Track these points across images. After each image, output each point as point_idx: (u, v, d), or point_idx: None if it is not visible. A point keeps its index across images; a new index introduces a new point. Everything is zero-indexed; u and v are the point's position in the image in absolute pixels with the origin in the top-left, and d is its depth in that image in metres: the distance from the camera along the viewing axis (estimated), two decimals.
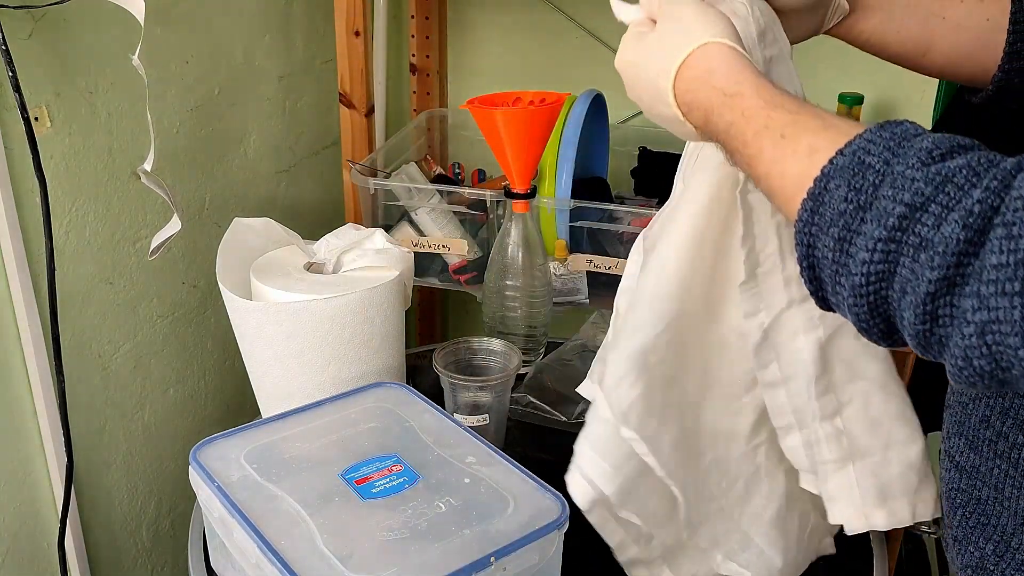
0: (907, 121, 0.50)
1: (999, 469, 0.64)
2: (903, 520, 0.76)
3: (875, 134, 0.49)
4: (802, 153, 0.52)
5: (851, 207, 0.48)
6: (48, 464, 0.98)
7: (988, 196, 0.43)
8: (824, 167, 0.50)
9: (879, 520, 0.76)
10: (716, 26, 0.60)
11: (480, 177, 1.53)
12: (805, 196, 0.51)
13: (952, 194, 0.45)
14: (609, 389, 0.73)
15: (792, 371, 0.75)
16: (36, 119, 0.89)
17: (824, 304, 0.54)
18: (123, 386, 1.08)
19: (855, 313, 0.49)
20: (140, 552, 1.15)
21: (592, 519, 0.74)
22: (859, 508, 0.76)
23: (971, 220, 0.43)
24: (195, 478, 0.79)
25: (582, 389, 0.83)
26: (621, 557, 0.77)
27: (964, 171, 0.45)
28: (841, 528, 0.77)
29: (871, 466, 0.76)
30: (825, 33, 0.75)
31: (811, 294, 0.53)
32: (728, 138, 0.57)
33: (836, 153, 0.50)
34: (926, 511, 0.77)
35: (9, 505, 0.95)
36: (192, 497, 0.82)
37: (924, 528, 1.62)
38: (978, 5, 0.70)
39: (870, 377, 0.74)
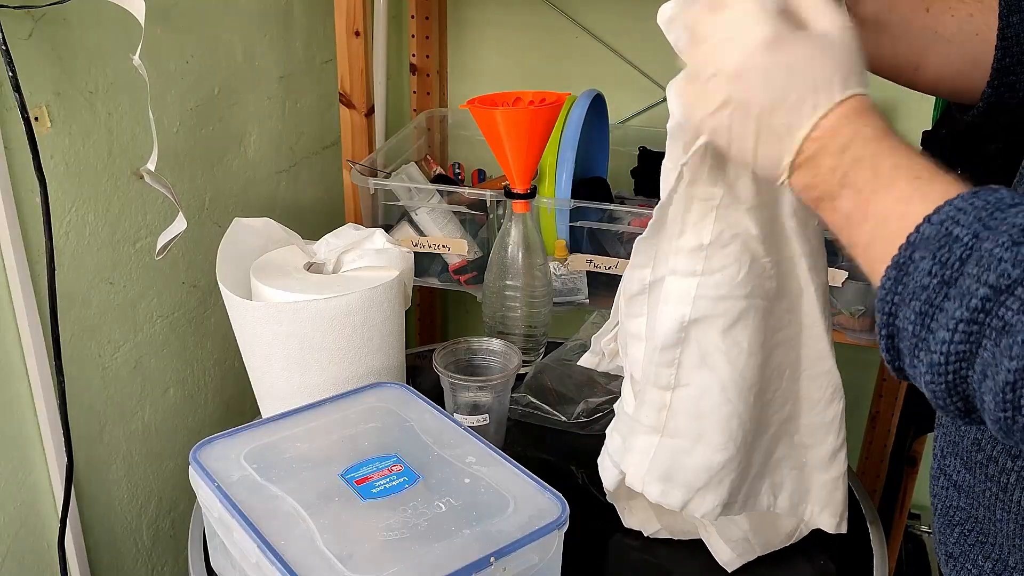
0: (1004, 189, 0.48)
1: (990, 492, 0.65)
2: (671, 504, 0.80)
3: (967, 202, 0.47)
4: (933, 199, 0.48)
5: (935, 281, 0.46)
6: (48, 464, 0.98)
7: None
8: (910, 235, 0.48)
9: (651, 492, 0.81)
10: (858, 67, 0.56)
11: (480, 177, 1.53)
12: (890, 264, 0.48)
13: None
14: (680, 500, 0.79)
15: (651, 332, 0.77)
16: (36, 119, 0.89)
17: (901, 374, 0.52)
18: (123, 386, 1.08)
19: (932, 390, 0.48)
20: (140, 552, 1.15)
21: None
22: (641, 474, 0.81)
23: None
24: (195, 478, 0.79)
25: (604, 470, 0.87)
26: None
27: None
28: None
29: (674, 447, 0.79)
30: None
31: (887, 363, 0.51)
32: (847, 175, 0.53)
33: (924, 220, 0.47)
34: (699, 509, 0.80)
35: (9, 505, 0.95)
36: (192, 497, 0.82)
37: (924, 528, 1.62)
38: (968, 20, 0.70)
39: (718, 375, 0.75)
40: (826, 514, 0.84)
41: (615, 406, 0.86)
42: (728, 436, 0.77)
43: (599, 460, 0.87)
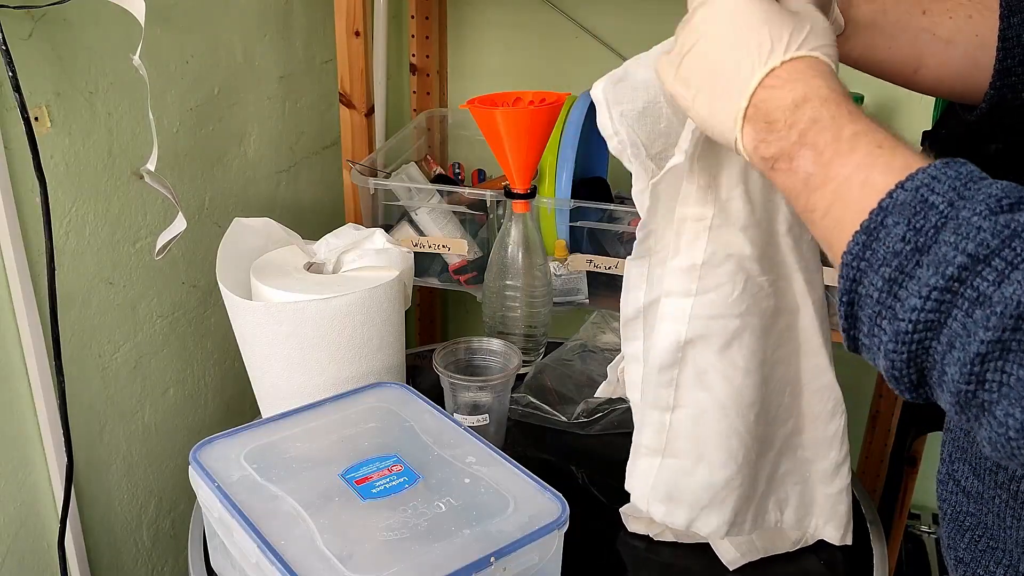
0: (972, 164, 0.47)
1: (999, 499, 0.64)
2: (676, 523, 0.82)
3: (940, 171, 0.46)
4: (896, 168, 0.48)
5: (908, 248, 0.45)
6: (48, 464, 0.98)
7: None
8: (883, 200, 0.47)
9: (656, 512, 0.83)
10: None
11: (480, 177, 1.53)
12: (858, 229, 0.48)
13: (1019, 250, 0.42)
14: (685, 520, 0.81)
15: (648, 353, 0.78)
16: (36, 119, 0.89)
17: (853, 344, 0.51)
18: (123, 386, 1.08)
19: (891, 359, 0.47)
20: (140, 552, 1.15)
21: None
22: (645, 494, 0.82)
23: None
24: (195, 478, 0.79)
25: (633, 494, 0.87)
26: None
27: None
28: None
29: (676, 467, 0.80)
30: None
31: (842, 330, 0.51)
32: (805, 134, 0.52)
33: (896, 186, 0.47)
34: (704, 527, 0.81)
35: (9, 505, 0.95)
36: (192, 497, 0.82)
37: (924, 528, 1.62)
38: (967, 22, 0.70)
39: (715, 394, 0.76)
40: (830, 527, 0.85)
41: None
42: (729, 454, 0.77)
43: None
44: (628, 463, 0.85)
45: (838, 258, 0.49)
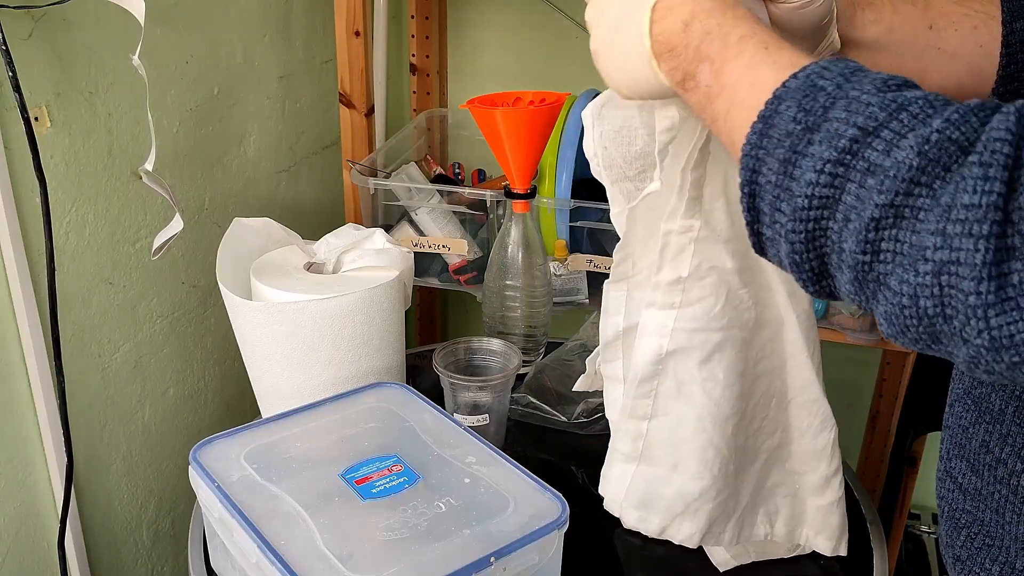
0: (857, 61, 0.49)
1: (999, 494, 0.64)
2: (648, 530, 0.83)
3: (831, 62, 0.49)
4: (782, 66, 0.50)
5: (799, 128, 0.47)
6: (48, 464, 0.98)
7: (947, 127, 0.42)
8: (777, 89, 0.49)
9: (628, 519, 0.84)
10: None
11: (480, 177, 1.53)
12: (755, 118, 0.49)
13: (906, 121, 0.43)
14: (657, 527, 0.82)
15: (628, 370, 0.79)
16: (36, 119, 0.89)
17: (758, 242, 0.52)
18: (123, 386, 1.08)
19: (791, 242, 0.48)
20: (140, 552, 1.15)
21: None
22: (618, 500, 0.83)
23: (926, 148, 0.42)
24: (195, 478, 0.79)
25: (607, 499, 0.86)
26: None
27: (921, 102, 0.44)
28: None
29: (650, 475, 0.81)
30: None
31: (747, 224, 0.51)
32: (699, 49, 0.54)
33: (789, 76, 0.49)
34: (676, 534, 0.82)
35: (9, 505, 0.95)
36: (192, 497, 0.82)
37: (924, 528, 1.62)
38: (972, 33, 0.69)
39: (694, 405, 0.77)
40: (821, 538, 0.85)
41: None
42: (704, 465, 0.78)
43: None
44: (603, 468, 0.85)
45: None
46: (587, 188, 1.30)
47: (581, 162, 1.23)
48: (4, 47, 0.81)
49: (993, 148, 0.40)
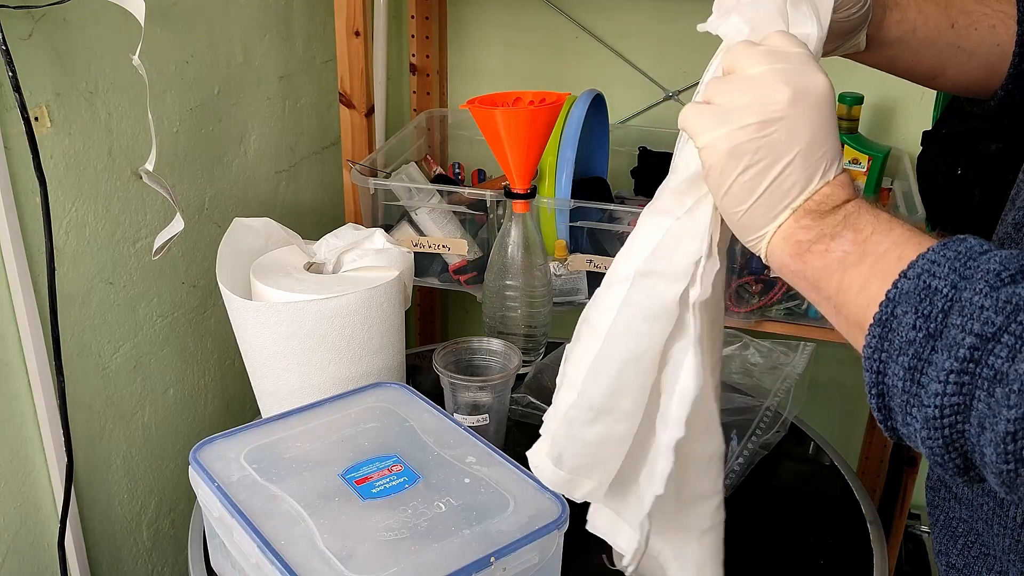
0: (971, 238, 0.48)
1: (987, 506, 0.65)
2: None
3: (939, 254, 0.47)
4: (926, 247, 0.48)
5: (920, 335, 0.46)
6: (48, 464, 0.98)
7: None
8: (888, 291, 0.47)
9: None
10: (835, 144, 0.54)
11: (480, 177, 1.53)
12: (872, 322, 0.48)
13: None
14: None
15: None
16: (36, 119, 0.89)
17: (895, 435, 0.51)
18: (123, 386, 1.08)
19: (929, 447, 0.47)
20: (140, 552, 1.15)
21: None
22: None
23: None
24: (195, 478, 0.79)
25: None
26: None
27: None
28: None
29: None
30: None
31: (880, 423, 0.50)
32: (848, 220, 0.52)
33: (900, 276, 0.47)
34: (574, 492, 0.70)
35: (9, 505, 0.95)
36: (192, 497, 0.82)
37: (924, 528, 1.62)
38: (990, 32, 0.69)
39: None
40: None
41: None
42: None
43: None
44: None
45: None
46: (587, 188, 1.30)
47: (581, 162, 1.23)
48: (4, 47, 0.81)
49: None
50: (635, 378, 0.65)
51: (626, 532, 0.71)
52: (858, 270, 0.50)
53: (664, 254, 0.63)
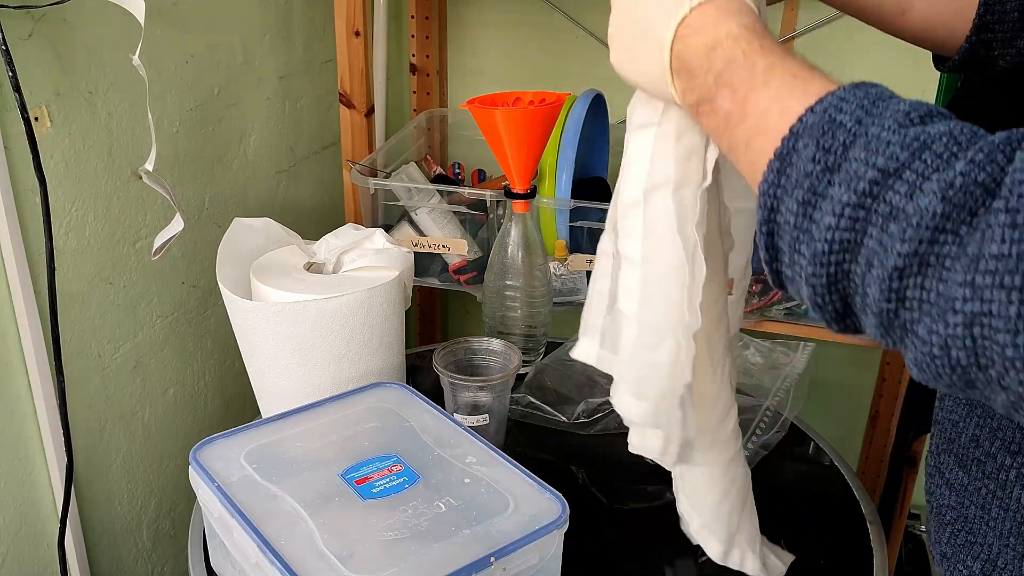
0: (882, 85, 0.47)
1: (986, 489, 0.64)
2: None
3: (848, 92, 0.46)
4: (812, 94, 0.48)
5: (819, 168, 0.45)
6: (48, 464, 0.98)
7: (972, 170, 0.40)
8: (793, 126, 0.47)
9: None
10: None
11: (480, 177, 1.53)
12: (772, 156, 0.47)
13: (930, 162, 0.41)
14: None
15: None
16: (36, 119, 0.89)
17: (778, 279, 0.50)
18: (123, 386, 1.08)
19: (812, 285, 0.46)
20: (140, 552, 1.15)
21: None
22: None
23: (951, 193, 0.40)
24: (195, 478, 0.79)
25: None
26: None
27: (944, 139, 0.42)
28: None
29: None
30: None
31: (765, 265, 0.50)
32: (722, 75, 0.52)
33: (806, 110, 0.47)
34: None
35: (9, 505, 0.95)
36: (192, 497, 0.82)
37: (924, 528, 1.62)
38: None
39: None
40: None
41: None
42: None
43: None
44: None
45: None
46: (587, 188, 1.30)
47: (581, 162, 1.23)
48: (4, 47, 0.81)
49: (1020, 192, 0.38)
50: (683, 288, 0.66)
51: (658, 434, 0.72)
52: (742, 129, 0.51)
53: (662, 163, 0.65)
